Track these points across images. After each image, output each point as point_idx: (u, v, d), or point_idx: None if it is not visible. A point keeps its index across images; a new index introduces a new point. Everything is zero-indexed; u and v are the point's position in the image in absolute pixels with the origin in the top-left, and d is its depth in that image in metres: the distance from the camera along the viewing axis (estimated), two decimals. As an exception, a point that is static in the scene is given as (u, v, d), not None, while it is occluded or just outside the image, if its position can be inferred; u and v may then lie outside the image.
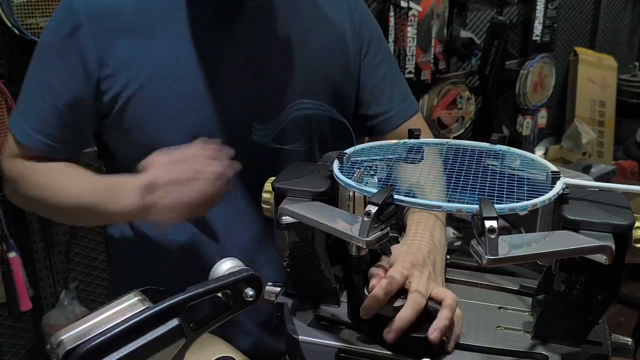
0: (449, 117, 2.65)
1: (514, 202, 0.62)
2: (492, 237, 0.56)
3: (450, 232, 2.39)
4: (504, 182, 0.67)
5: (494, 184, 0.66)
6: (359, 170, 0.73)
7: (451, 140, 0.81)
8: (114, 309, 0.62)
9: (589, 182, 0.69)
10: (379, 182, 0.72)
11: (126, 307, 0.62)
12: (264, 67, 0.93)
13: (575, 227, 0.64)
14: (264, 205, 0.78)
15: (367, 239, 0.61)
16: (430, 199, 0.63)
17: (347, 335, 0.75)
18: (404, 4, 2.32)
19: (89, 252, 2.00)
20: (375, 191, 0.63)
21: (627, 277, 2.29)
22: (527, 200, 0.62)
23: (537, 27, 2.91)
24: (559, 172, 0.68)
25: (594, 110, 3.30)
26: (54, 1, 1.61)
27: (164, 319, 0.61)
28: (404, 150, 0.79)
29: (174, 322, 0.61)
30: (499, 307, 0.79)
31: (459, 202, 0.62)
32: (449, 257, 0.88)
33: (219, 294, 0.66)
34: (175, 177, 0.83)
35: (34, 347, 1.96)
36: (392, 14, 2.35)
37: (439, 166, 0.75)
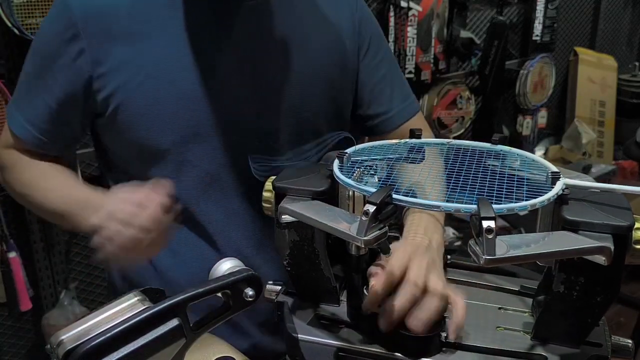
0: (449, 117, 2.65)
1: (513, 202, 0.62)
2: (490, 237, 0.56)
3: (450, 232, 2.39)
4: (503, 183, 0.67)
5: (494, 184, 0.66)
6: (358, 169, 0.73)
7: (452, 140, 0.81)
8: (114, 309, 0.62)
9: (589, 182, 0.69)
10: (379, 181, 0.72)
11: (126, 307, 0.62)
12: (260, 67, 0.93)
13: (574, 227, 0.64)
14: (265, 204, 0.79)
15: (366, 238, 0.61)
16: (429, 199, 0.63)
17: (346, 334, 0.75)
18: (404, 4, 2.32)
19: (89, 252, 1.99)
20: (374, 191, 0.63)
21: (627, 277, 2.29)
22: (526, 200, 0.63)
23: (537, 27, 2.91)
24: (559, 172, 0.68)
25: (594, 110, 3.30)
26: (54, 1, 1.60)
27: (164, 319, 0.61)
28: (405, 150, 0.79)
29: (174, 322, 0.61)
30: (499, 308, 0.79)
31: (457, 202, 0.62)
32: (449, 257, 0.88)
33: (219, 294, 0.66)
34: (118, 216, 0.80)
35: (34, 347, 1.96)
36: (392, 14, 2.35)
37: (440, 166, 0.75)
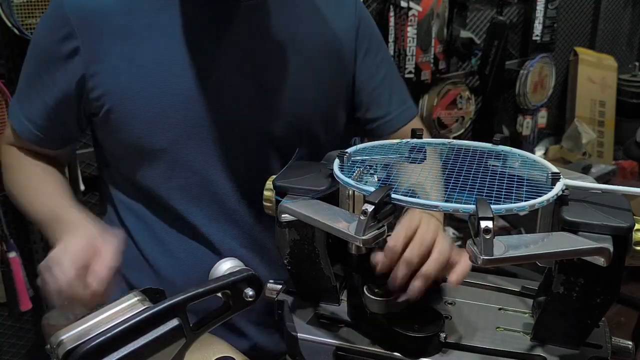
0: (449, 117, 2.65)
1: (513, 202, 0.62)
2: (487, 237, 0.56)
3: (450, 232, 2.39)
4: (503, 183, 0.67)
5: (494, 185, 0.66)
6: (358, 169, 0.73)
7: (453, 140, 0.81)
8: (114, 309, 0.62)
9: (589, 183, 0.69)
10: (379, 181, 0.72)
11: (126, 307, 0.62)
12: (258, 67, 0.93)
13: (574, 228, 0.64)
14: (265, 203, 0.79)
15: (364, 237, 0.61)
16: (429, 199, 0.63)
17: (345, 333, 0.75)
18: (404, 4, 2.32)
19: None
20: (373, 190, 0.63)
21: (627, 278, 2.29)
22: (525, 201, 0.63)
23: (537, 27, 2.91)
24: (559, 173, 0.68)
25: (594, 110, 3.30)
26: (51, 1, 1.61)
27: (164, 319, 0.61)
28: (406, 149, 0.79)
29: (174, 322, 0.61)
30: (500, 308, 0.79)
31: (457, 202, 0.62)
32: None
33: (219, 294, 0.66)
34: (58, 270, 0.76)
35: (34, 347, 1.96)
36: (392, 14, 2.35)
37: (439, 167, 0.75)
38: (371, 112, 1.05)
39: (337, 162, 0.74)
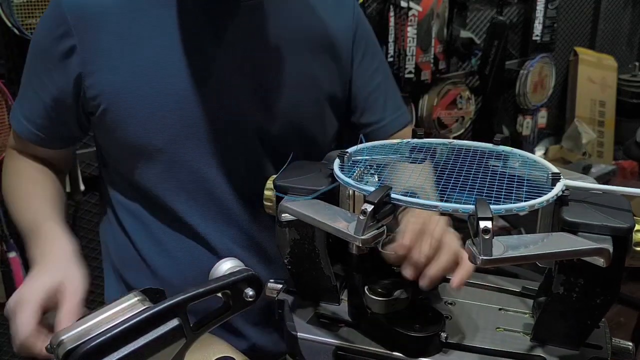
0: (449, 117, 2.65)
1: (513, 203, 0.62)
2: (486, 237, 0.56)
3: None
4: (503, 183, 0.67)
5: (494, 185, 0.66)
6: (359, 169, 0.73)
7: (454, 140, 0.81)
8: (114, 309, 0.62)
9: (589, 184, 0.69)
10: (379, 181, 0.72)
11: (126, 307, 0.62)
12: (254, 67, 0.93)
13: (574, 229, 0.64)
14: (266, 202, 0.79)
15: (363, 237, 0.61)
16: (428, 199, 0.63)
17: (345, 333, 0.75)
18: (404, 4, 2.32)
19: (89, 252, 2.00)
20: (372, 190, 0.63)
21: (627, 278, 2.29)
22: (525, 201, 0.63)
23: (537, 27, 2.90)
24: (559, 173, 0.68)
25: (594, 110, 3.30)
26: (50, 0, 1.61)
27: (164, 319, 0.61)
28: (407, 150, 0.79)
29: (174, 322, 0.61)
30: (500, 309, 0.79)
31: (456, 202, 0.62)
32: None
33: (219, 294, 0.66)
34: (21, 300, 0.77)
35: (33, 346, 1.96)
36: (392, 14, 2.35)
37: (430, 166, 0.76)
38: (365, 116, 1.05)
39: (337, 162, 0.74)
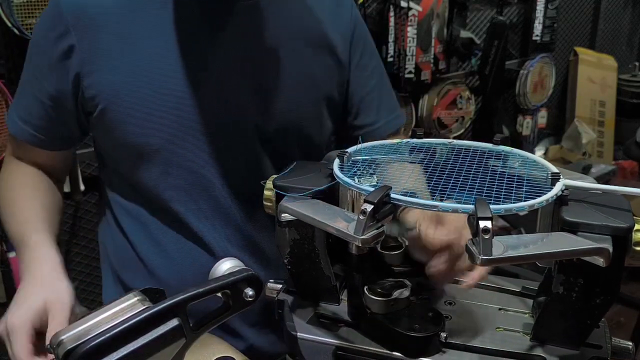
0: (449, 117, 2.65)
1: (512, 202, 0.62)
2: (486, 237, 0.56)
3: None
4: (503, 183, 0.67)
5: (494, 185, 0.66)
6: (359, 169, 0.73)
7: (454, 140, 0.81)
8: (114, 309, 0.62)
9: (589, 183, 0.69)
10: (379, 181, 0.72)
11: (126, 307, 0.62)
12: (251, 67, 0.93)
13: (573, 228, 0.64)
14: (265, 202, 0.79)
15: (363, 237, 0.61)
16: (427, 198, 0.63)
17: (345, 333, 0.75)
18: (404, 4, 2.32)
19: (89, 252, 2.00)
20: (372, 190, 0.63)
21: (627, 278, 2.29)
22: (525, 201, 0.63)
23: (537, 27, 2.91)
24: (559, 173, 0.68)
25: (594, 110, 3.30)
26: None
27: (164, 319, 0.61)
28: (406, 149, 0.79)
29: (174, 322, 0.61)
30: (500, 309, 0.79)
31: (456, 201, 0.62)
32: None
33: (219, 294, 0.66)
34: (13, 324, 0.79)
35: (33, 346, 1.96)
36: (392, 14, 2.35)
37: (418, 167, 0.76)
38: (360, 118, 1.05)
39: (337, 162, 0.74)
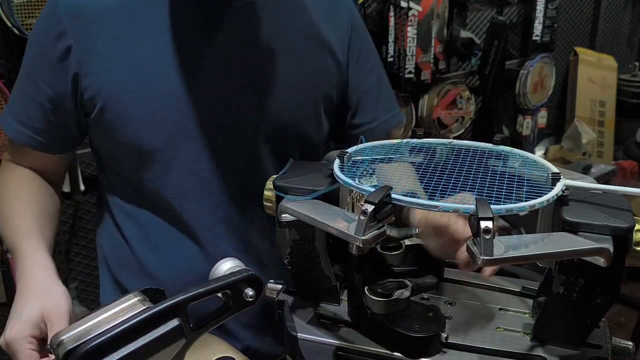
0: (449, 117, 2.65)
1: (513, 203, 0.62)
2: (487, 237, 0.56)
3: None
4: (504, 183, 0.67)
5: (494, 185, 0.66)
6: (359, 169, 0.73)
7: (454, 140, 0.81)
8: (114, 309, 0.62)
9: (589, 183, 0.69)
10: (379, 181, 0.72)
11: (126, 307, 0.62)
12: (248, 67, 0.92)
13: (574, 228, 0.64)
14: (265, 203, 0.79)
15: (364, 237, 0.61)
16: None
17: (345, 333, 0.75)
18: (404, 4, 2.32)
19: (89, 252, 2.00)
20: (372, 190, 0.63)
21: (627, 278, 2.29)
22: (526, 201, 0.63)
23: (537, 27, 2.90)
24: (559, 173, 0.68)
25: (594, 110, 3.30)
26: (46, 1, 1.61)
27: (164, 319, 0.61)
28: (406, 150, 0.79)
29: (174, 322, 0.61)
30: (500, 308, 0.79)
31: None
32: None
33: (219, 294, 0.66)
34: (12, 338, 0.77)
35: (33, 346, 1.96)
36: (392, 14, 2.35)
37: (409, 166, 0.76)
38: (358, 117, 1.06)
39: (337, 162, 0.74)
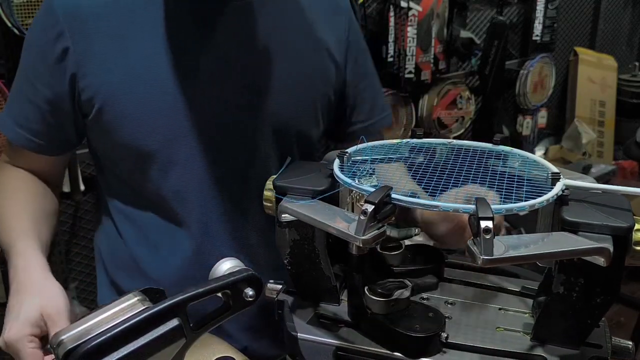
0: (449, 117, 2.65)
1: (513, 202, 0.62)
2: (487, 237, 0.56)
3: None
4: (503, 183, 0.67)
5: (494, 185, 0.66)
6: (359, 169, 0.73)
7: (454, 140, 0.81)
8: (114, 309, 0.62)
9: (589, 183, 0.69)
10: (379, 181, 0.72)
11: (126, 307, 0.62)
12: (244, 68, 0.92)
13: (574, 228, 0.64)
14: (265, 203, 0.79)
15: (364, 237, 0.61)
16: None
17: (345, 333, 0.75)
18: (404, 4, 2.32)
19: (89, 252, 2.00)
20: (372, 190, 0.63)
21: (627, 277, 2.29)
22: (525, 201, 0.63)
23: (537, 27, 2.90)
24: (559, 173, 0.68)
25: (594, 110, 3.30)
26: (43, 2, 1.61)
27: (164, 319, 0.61)
28: (406, 150, 0.79)
29: (174, 322, 0.61)
30: (500, 308, 0.79)
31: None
32: (449, 256, 0.88)
33: (219, 294, 0.66)
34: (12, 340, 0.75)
35: (33, 346, 1.96)
36: (392, 14, 2.35)
37: (403, 165, 0.76)
38: (354, 116, 1.07)
39: (337, 162, 0.74)
